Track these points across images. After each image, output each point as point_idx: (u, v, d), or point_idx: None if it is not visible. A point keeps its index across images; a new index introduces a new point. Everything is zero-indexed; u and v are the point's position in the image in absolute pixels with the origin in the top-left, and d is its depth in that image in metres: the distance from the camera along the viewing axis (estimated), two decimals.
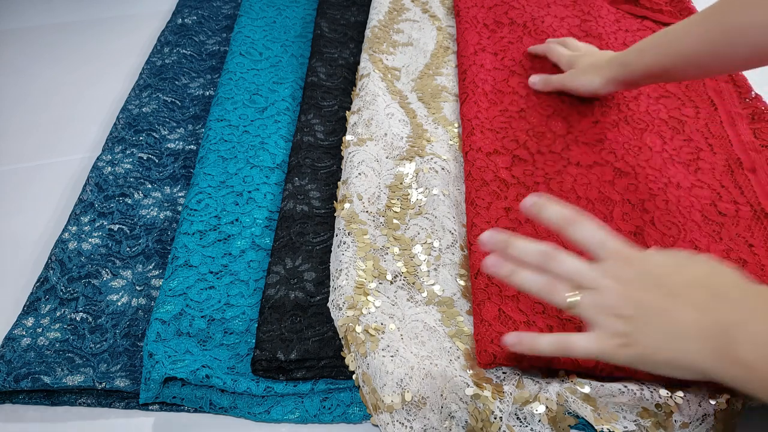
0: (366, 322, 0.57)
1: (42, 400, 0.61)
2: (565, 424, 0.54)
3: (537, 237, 0.64)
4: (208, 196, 0.73)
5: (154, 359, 0.58)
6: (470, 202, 0.68)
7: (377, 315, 0.58)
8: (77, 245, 0.72)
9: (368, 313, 0.58)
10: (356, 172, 0.70)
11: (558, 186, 0.69)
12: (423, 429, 0.53)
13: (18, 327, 0.65)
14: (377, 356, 0.55)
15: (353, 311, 0.58)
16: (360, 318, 0.58)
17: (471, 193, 0.68)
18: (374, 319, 0.58)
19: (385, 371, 0.54)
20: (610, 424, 0.53)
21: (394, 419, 0.52)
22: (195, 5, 1.09)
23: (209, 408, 0.59)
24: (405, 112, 0.80)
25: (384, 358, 0.54)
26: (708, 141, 0.74)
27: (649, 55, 0.67)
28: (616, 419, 0.53)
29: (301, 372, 0.58)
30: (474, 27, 0.87)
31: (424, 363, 0.55)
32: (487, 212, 0.66)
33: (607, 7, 0.92)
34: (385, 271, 0.62)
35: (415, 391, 0.53)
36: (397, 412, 0.52)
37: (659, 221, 0.65)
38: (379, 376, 0.53)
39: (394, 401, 0.52)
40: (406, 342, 0.57)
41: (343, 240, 0.64)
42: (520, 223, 0.66)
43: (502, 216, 0.66)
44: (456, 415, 0.54)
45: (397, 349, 0.55)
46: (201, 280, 0.66)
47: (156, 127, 0.87)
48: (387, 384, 0.53)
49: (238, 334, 0.63)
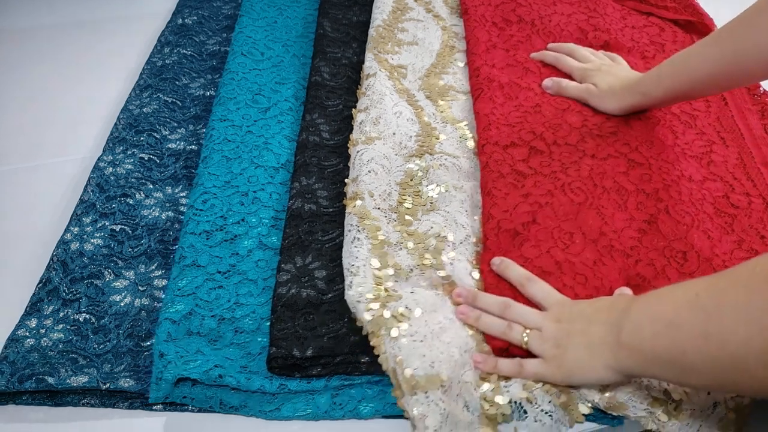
0: (394, 307, 0.58)
1: (45, 401, 0.60)
2: (579, 412, 0.54)
3: (551, 220, 0.65)
4: (213, 196, 0.73)
5: (165, 359, 0.57)
6: (486, 192, 0.68)
7: (401, 302, 0.59)
8: (79, 246, 0.71)
9: (392, 301, 0.59)
10: (366, 170, 0.70)
11: (576, 174, 0.69)
12: (448, 413, 0.53)
13: (21, 328, 0.64)
14: (408, 339, 0.56)
15: (376, 301, 0.58)
16: (387, 304, 0.58)
17: (488, 183, 0.68)
18: (400, 305, 0.58)
19: (419, 353, 0.54)
20: (621, 411, 0.54)
21: (429, 400, 0.52)
22: (195, 5, 1.08)
23: (219, 407, 0.58)
24: (413, 110, 0.79)
25: (414, 342, 0.55)
26: (720, 134, 0.74)
27: (667, 82, 0.69)
28: (626, 408, 0.54)
29: (316, 369, 0.58)
30: (483, 25, 0.87)
31: (450, 349, 0.56)
32: (504, 202, 0.67)
33: (612, 5, 0.92)
34: (400, 266, 0.62)
35: (446, 376, 0.54)
36: (432, 393, 0.53)
37: (673, 209, 0.66)
38: (413, 358, 0.54)
39: (430, 382, 0.53)
40: (431, 327, 0.57)
41: (356, 236, 0.64)
42: (540, 206, 0.66)
43: (520, 202, 0.67)
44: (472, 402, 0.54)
45: (425, 335, 0.56)
46: (209, 279, 0.65)
47: (157, 127, 0.86)
48: (420, 366, 0.54)
49: (249, 333, 0.62)
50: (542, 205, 0.66)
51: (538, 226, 0.65)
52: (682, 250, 0.63)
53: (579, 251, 0.63)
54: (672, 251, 0.63)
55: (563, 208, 0.66)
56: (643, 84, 0.72)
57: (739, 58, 0.62)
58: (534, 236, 0.64)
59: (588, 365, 0.53)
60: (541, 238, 0.64)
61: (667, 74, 0.69)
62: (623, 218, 0.65)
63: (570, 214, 0.65)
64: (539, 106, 0.77)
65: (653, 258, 0.62)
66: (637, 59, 0.83)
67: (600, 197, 0.67)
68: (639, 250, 0.63)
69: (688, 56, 0.67)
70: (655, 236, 0.64)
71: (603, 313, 0.53)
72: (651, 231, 0.64)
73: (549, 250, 0.63)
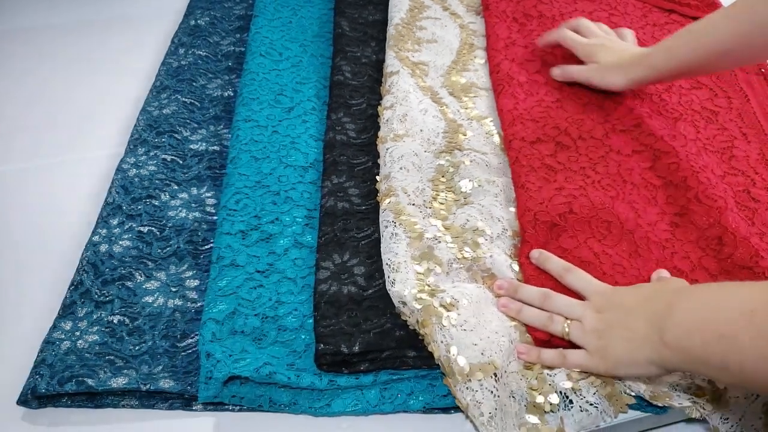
0: (441, 297, 0.59)
1: (84, 403, 0.60)
2: (623, 402, 0.55)
3: (588, 210, 0.66)
4: (246, 196, 0.73)
5: (214, 358, 0.57)
6: (520, 185, 0.69)
7: (447, 294, 0.59)
8: (108, 248, 0.71)
9: (438, 293, 0.59)
10: (397, 167, 0.70)
11: (604, 171, 0.70)
12: (499, 401, 0.53)
13: (56, 331, 0.64)
14: (459, 328, 0.56)
15: (423, 293, 0.59)
16: (435, 295, 0.59)
17: (520, 177, 0.69)
18: (447, 295, 0.59)
19: (470, 342, 0.55)
20: (666, 401, 0.55)
21: (484, 387, 0.53)
22: (206, 6, 1.08)
23: (269, 406, 0.58)
24: (438, 107, 0.80)
25: (465, 331, 0.56)
26: (742, 130, 0.75)
27: (680, 54, 0.68)
28: (671, 397, 0.55)
29: (364, 364, 0.58)
30: (504, 21, 0.88)
31: (500, 338, 0.57)
32: (539, 194, 0.67)
33: (633, 2, 0.93)
34: (441, 260, 0.63)
35: (498, 362, 0.55)
36: (486, 380, 0.54)
37: (704, 195, 0.66)
38: (466, 346, 0.55)
39: (483, 370, 0.54)
40: (478, 318, 0.58)
41: (394, 232, 0.64)
42: (575, 197, 0.67)
43: (554, 195, 0.68)
44: (518, 392, 0.55)
45: (474, 324, 0.57)
46: (249, 279, 0.65)
47: (177, 128, 0.86)
48: (472, 354, 0.55)
49: (292, 330, 0.62)
50: (577, 197, 0.67)
51: (575, 216, 0.65)
52: (717, 235, 0.63)
53: (616, 243, 0.63)
54: (707, 240, 0.64)
55: (599, 199, 0.67)
56: (653, 57, 0.70)
57: (756, 29, 0.60)
58: (571, 227, 0.65)
59: (631, 359, 0.52)
60: (578, 229, 0.64)
61: (679, 45, 0.67)
62: (655, 212, 0.66)
63: (606, 204, 0.66)
64: (560, 101, 0.78)
65: (689, 251, 0.63)
66: None
67: (630, 193, 0.68)
68: (674, 242, 0.64)
69: (701, 28, 0.65)
70: (688, 228, 0.65)
71: (644, 306, 0.53)
72: (683, 223, 0.65)
73: (586, 240, 0.64)
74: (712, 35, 0.64)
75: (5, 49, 1.05)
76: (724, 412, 0.54)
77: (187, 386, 0.59)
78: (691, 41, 0.66)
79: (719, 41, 0.64)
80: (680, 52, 0.68)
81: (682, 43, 0.67)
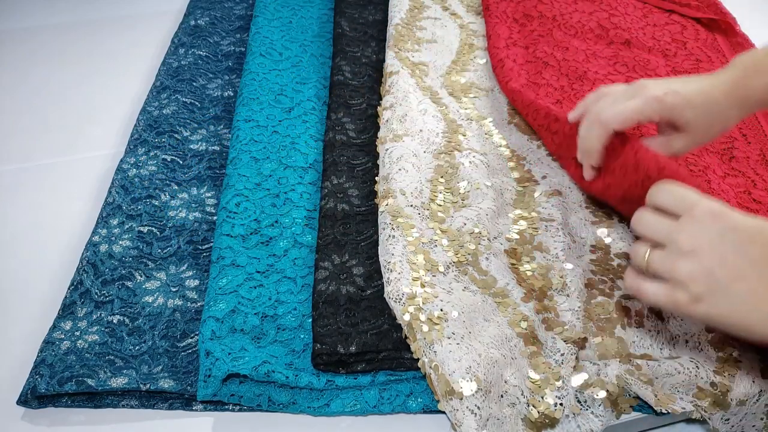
0: (429, 310, 0.58)
1: (84, 403, 0.60)
2: (626, 405, 0.55)
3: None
4: (246, 198, 0.73)
5: (213, 356, 0.57)
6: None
7: (437, 303, 0.58)
8: (108, 248, 0.71)
9: (428, 302, 0.58)
10: (396, 168, 0.70)
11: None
12: (488, 417, 0.53)
13: (56, 331, 0.64)
14: (444, 344, 0.55)
15: (413, 301, 0.58)
16: (423, 306, 0.58)
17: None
18: (436, 307, 0.58)
19: (454, 358, 0.54)
20: (669, 406, 0.54)
21: (464, 405, 0.52)
22: (206, 6, 1.09)
23: (267, 405, 0.58)
24: (437, 107, 0.80)
25: (451, 345, 0.55)
26: (742, 131, 0.75)
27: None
28: (674, 401, 0.54)
29: (361, 365, 0.58)
30: (504, 21, 0.88)
31: (490, 351, 0.55)
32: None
33: (633, 3, 0.93)
34: (437, 263, 0.62)
35: (483, 378, 0.53)
36: (467, 398, 0.52)
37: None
38: (447, 363, 0.54)
39: (464, 388, 0.52)
40: (470, 329, 0.57)
41: (391, 234, 0.64)
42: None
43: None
44: (517, 405, 0.54)
45: (462, 336, 0.56)
46: (249, 279, 0.66)
47: (177, 128, 0.86)
48: (456, 371, 0.53)
49: (291, 330, 0.62)
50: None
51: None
52: None
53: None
54: None
55: None
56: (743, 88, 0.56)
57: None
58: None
59: (751, 327, 0.43)
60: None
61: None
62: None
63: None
64: (560, 102, 0.78)
65: None
66: (658, 57, 0.84)
67: None
68: None
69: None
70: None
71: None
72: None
73: None
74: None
75: (5, 49, 1.06)
76: (725, 414, 0.54)
77: (187, 386, 0.59)
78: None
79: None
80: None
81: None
